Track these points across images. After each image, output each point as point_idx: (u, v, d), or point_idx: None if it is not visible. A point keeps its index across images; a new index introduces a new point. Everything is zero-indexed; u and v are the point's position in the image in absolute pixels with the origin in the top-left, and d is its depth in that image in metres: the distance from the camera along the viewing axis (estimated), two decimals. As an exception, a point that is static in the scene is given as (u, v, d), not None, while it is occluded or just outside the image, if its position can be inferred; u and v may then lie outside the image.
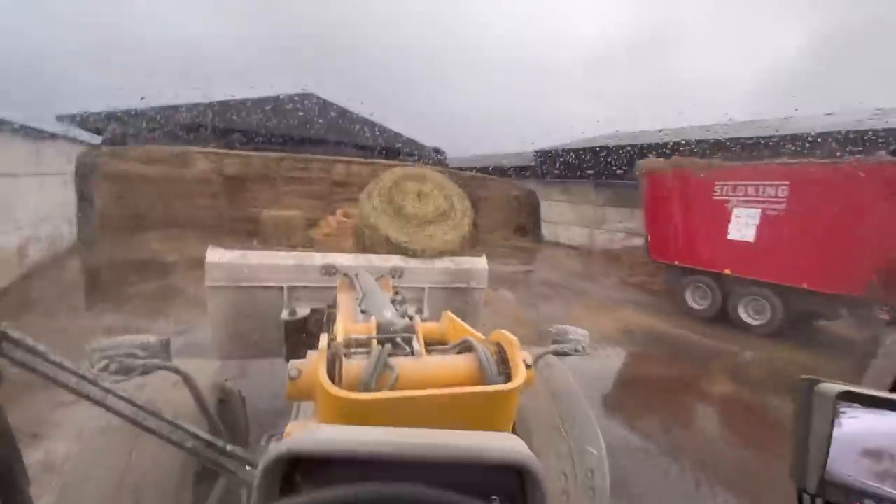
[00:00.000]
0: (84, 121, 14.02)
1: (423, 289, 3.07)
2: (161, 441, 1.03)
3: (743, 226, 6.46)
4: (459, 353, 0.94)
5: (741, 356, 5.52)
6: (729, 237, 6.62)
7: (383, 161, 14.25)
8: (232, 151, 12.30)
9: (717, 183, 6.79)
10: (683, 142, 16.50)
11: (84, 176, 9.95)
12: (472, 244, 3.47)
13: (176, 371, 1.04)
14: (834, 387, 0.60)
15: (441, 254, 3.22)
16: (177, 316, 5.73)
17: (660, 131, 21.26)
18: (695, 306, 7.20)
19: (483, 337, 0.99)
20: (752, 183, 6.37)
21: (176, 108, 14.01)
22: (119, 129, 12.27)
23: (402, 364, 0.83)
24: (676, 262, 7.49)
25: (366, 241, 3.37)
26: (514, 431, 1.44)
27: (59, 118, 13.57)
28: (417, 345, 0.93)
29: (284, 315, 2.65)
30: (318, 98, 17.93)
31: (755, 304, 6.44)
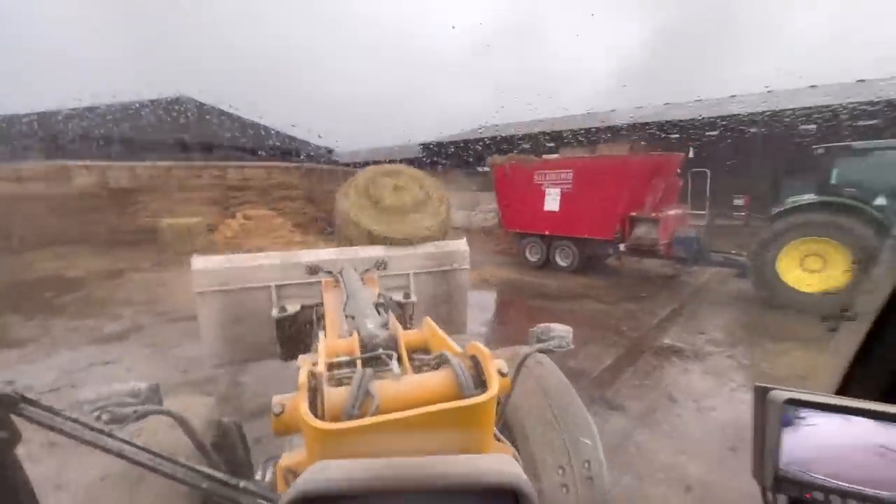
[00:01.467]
0: None
1: (408, 275, 3.19)
2: (160, 485, 1.10)
3: (552, 200, 9.52)
4: (437, 366, 0.99)
5: (550, 285, 8.53)
6: (545, 209, 9.65)
7: (278, 163, 15.18)
8: (116, 163, 12.21)
9: (535, 172, 9.76)
10: (534, 133, 20.25)
11: (-56, 200, 9.40)
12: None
13: (169, 414, 1.03)
14: (783, 394, 0.67)
15: (424, 240, 3.29)
16: (117, 314, 6.72)
17: (529, 122, 25.17)
18: (531, 259, 10.22)
19: (459, 349, 1.04)
20: (554, 171, 9.44)
21: (36, 115, 12.99)
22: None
23: (383, 387, 0.85)
24: (518, 230, 10.45)
25: (348, 237, 3.42)
26: (508, 431, 1.64)
27: None
28: (397, 364, 0.98)
29: (274, 313, 2.70)
30: (194, 101, 17.72)
31: (564, 252, 9.61)
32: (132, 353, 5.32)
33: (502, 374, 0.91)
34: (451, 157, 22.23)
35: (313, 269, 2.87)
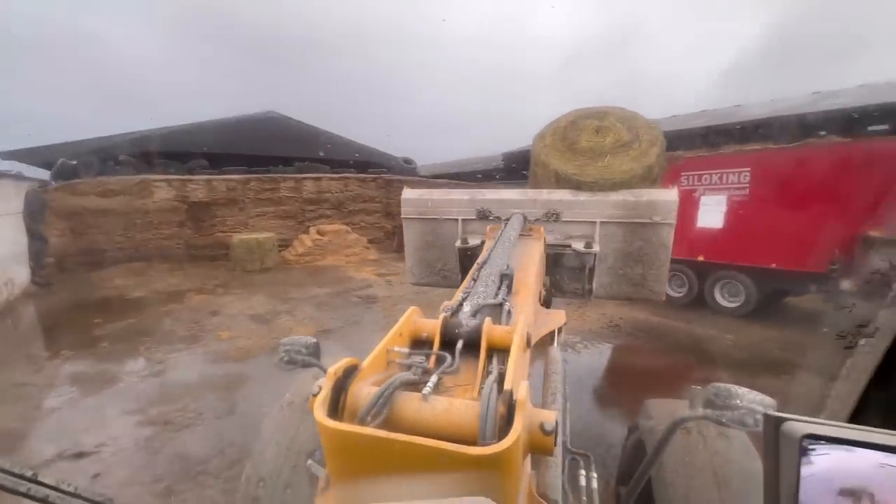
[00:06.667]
0: (32, 155, 13.26)
1: (594, 223, 2.89)
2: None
3: (711, 212, 6.67)
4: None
5: (713, 339, 5.66)
6: (699, 225, 6.82)
7: (355, 175, 14.06)
8: (195, 177, 11.86)
9: (683, 173, 7.00)
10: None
11: (33, 214, 9.37)
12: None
13: (322, 370, 1.21)
14: (800, 426, 0.58)
15: (618, 184, 2.96)
16: (149, 357, 5.40)
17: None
18: (673, 294, 7.35)
19: (525, 383, 0.84)
20: (715, 171, 6.60)
21: (133, 136, 13.45)
22: (72, 162, 11.61)
23: (406, 402, 0.79)
24: (652, 253, 7.67)
25: (537, 180, 3.36)
26: None
27: (3, 154, 12.80)
28: (431, 383, 0.85)
29: (458, 243, 2.94)
30: (282, 116, 17.57)
31: (729, 287, 6.65)
32: (116, 448, 3.65)
33: (546, 433, 0.75)
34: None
35: (482, 214, 3.00)
